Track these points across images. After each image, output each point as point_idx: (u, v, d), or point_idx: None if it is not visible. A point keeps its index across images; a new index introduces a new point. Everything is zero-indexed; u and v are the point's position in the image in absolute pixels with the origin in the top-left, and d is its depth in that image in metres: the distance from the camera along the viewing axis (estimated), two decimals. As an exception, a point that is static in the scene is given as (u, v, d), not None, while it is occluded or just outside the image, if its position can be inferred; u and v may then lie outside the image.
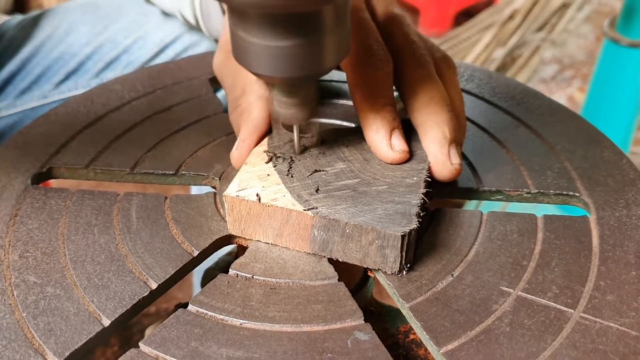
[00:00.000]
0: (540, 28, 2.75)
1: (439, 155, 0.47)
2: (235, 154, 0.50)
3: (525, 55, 2.52)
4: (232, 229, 0.47)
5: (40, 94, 0.94)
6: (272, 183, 0.45)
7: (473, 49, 2.50)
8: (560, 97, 2.33)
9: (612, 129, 1.45)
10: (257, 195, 0.44)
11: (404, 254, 0.42)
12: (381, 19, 0.52)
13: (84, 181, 0.56)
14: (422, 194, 0.45)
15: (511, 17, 2.73)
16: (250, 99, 0.51)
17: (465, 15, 2.85)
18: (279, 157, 0.48)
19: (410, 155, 0.48)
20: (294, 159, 0.48)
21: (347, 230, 0.42)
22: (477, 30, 2.66)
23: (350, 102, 0.49)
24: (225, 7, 0.67)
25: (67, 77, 0.95)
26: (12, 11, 1.45)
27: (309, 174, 0.47)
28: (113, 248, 0.45)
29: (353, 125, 0.57)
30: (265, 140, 0.50)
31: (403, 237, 0.41)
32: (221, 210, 0.49)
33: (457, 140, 0.49)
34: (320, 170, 0.47)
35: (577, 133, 0.57)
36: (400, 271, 0.43)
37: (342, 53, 0.44)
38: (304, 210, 0.43)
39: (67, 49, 0.95)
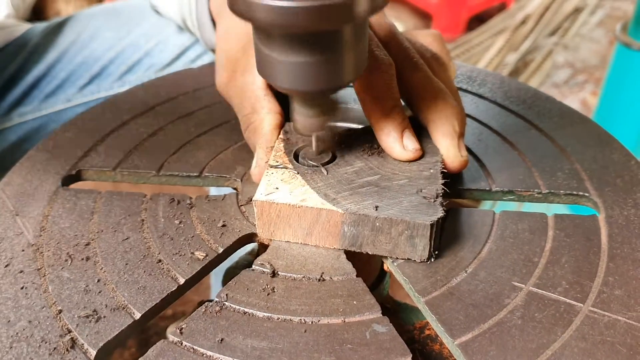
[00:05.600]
0: (553, 32, 2.76)
1: (451, 148, 0.50)
2: (255, 171, 0.52)
3: (537, 60, 2.53)
4: (261, 232, 0.49)
5: (65, 97, 0.97)
6: (297, 185, 0.48)
7: (485, 53, 2.51)
8: (573, 101, 2.34)
9: (624, 132, 1.46)
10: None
11: (432, 241, 0.45)
12: (374, 28, 0.54)
13: (102, 183, 0.58)
14: (442, 184, 0.47)
15: (523, 21, 2.74)
16: (260, 116, 0.53)
17: (477, 20, 2.86)
18: (300, 160, 0.50)
19: (422, 151, 0.51)
20: (313, 161, 0.50)
21: (377, 224, 0.45)
22: (489, 35, 2.67)
23: (358, 105, 0.51)
24: (215, 20, 0.68)
25: (90, 81, 0.97)
26: (30, 19, 1.48)
27: (330, 174, 0.49)
28: (142, 246, 0.48)
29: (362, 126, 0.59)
30: (282, 145, 0.52)
31: (432, 225, 0.44)
32: (243, 209, 0.51)
33: (463, 132, 0.52)
34: (340, 170, 0.49)
35: (587, 135, 0.59)
36: (429, 258, 0.46)
37: (360, 67, 0.46)
38: (333, 207, 0.45)
39: (91, 53, 0.98)
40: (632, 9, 1.40)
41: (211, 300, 0.44)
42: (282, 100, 0.55)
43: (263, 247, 0.49)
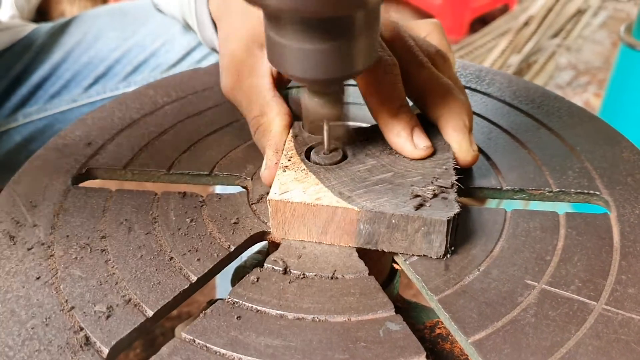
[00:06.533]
0: (556, 34, 2.77)
1: (463, 142, 0.51)
2: (265, 173, 0.51)
3: (540, 62, 2.53)
4: (275, 232, 0.48)
5: (70, 98, 0.97)
6: (311, 184, 0.47)
7: (489, 55, 2.51)
8: (576, 102, 2.33)
9: (628, 133, 1.46)
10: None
11: (448, 238, 0.45)
12: None
13: (109, 182, 0.58)
14: (456, 180, 0.47)
15: (526, 23, 2.75)
16: (269, 117, 0.54)
17: (480, 22, 2.87)
18: (312, 159, 0.50)
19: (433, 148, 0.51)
20: (325, 160, 0.50)
21: (393, 221, 0.45)
22: (492, 37, 2.67)
23: (362, 104, 0.51)
24: (216, 22, 0.68)
25: (96, 81, 0.97)
26: (35, 20, 1.49)
27: (343, 172, 0.49)
28: (154, 244, 0.48)
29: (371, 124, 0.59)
30: (292, 145, 0.52)
31: (449, 221, 0.44)
32: (254, 207, 0.51)
33: (471, 127, 0.52)
34: (353, 168, 0.49)
35: (596, 134, 0.59)
36: (445, 255, 0.46)
37: (372, 56, 0.45)
38: (348, 204, 0.45)
39: (96, 53, 0.98)
40: (635, 11, 1.40)
41: (223, 299, 0.44)
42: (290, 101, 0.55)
43: (274, 246, 0.49)
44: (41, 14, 1.94)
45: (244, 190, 0.54)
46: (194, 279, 0.45)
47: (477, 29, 2.81)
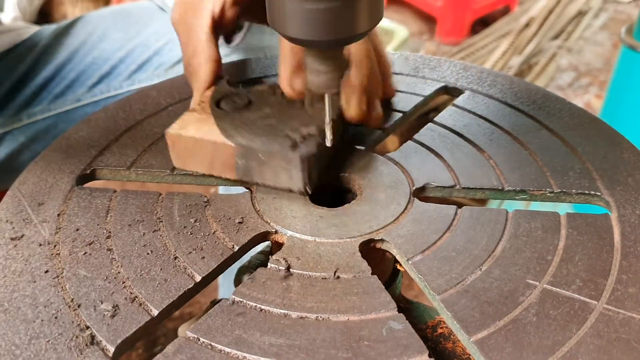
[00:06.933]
0: (557, 36, 2.77)
1: (351, 98, 0.56)
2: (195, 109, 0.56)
3: (541, 63, 2.54)
4: (175, 163, 0.56)
5: (74, 97, 0.98)
6: (207, 124, 0.54)
7: (490, 56, 2.51)
8: (577, 104, 2.33)
9: (629, 135, 1.46)
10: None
11: (306, 174, 0.51)
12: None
13: (112, 182, 0.59)
14: (323, 128, 0.52)
15: (527, 25, 2.75)
16: (200, 60, 0.59)
17: (481, 24, 2.87)
18: (220, 106, 0.56)
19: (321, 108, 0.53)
20: (230, 107, 0.56)
21: (261, 157, 0.50)
22: (493, 38, 2.68)
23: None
24: None
25: (100, 81, 0.98)
26: (37, 22, 1.49)
27: (240, 118, 0.54)
28: (158, 244, 0.48)
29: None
30: (209, 92, 0.58)
31: (303, 158, 0.50)
32: (257, 207, 0.52)
33: (369, 90, 0.57)
34: (250, 114, 0.55)
35: (597, 135, 0.59)
36: (305, 190, 0.52)
37: (375, 18, 0.45)
38: (226, 140, 0.52)
39: (101, 54, 0.98)
40: (636, 12, 1.40)
41: (227, 298, 0.44)
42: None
43: (277, 246, 0.50)
44: (43, 15, 1.94)
45: (248, 190, 0.55)
46: (198, 278, 0.45)
47: (478, 30, 2.82)
